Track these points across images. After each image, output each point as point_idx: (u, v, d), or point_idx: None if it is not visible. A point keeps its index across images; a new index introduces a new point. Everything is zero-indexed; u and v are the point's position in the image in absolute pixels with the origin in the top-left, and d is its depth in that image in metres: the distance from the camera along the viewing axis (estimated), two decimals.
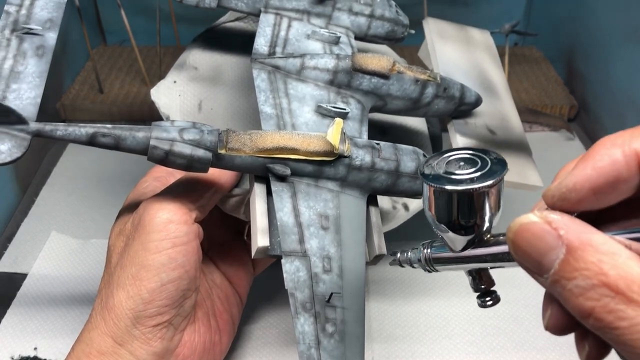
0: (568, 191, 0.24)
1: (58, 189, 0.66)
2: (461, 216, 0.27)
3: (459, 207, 0.27)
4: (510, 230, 0.24)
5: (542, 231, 0.23)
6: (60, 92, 0.77)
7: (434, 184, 0.27)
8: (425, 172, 0.28)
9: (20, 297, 0.53)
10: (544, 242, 0.22)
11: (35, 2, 0.38)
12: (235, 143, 0.35)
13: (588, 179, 0.24)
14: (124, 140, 0.34)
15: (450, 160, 0.28)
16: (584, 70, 0.79)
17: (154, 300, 0.37)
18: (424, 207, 0.29)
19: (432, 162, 0.28)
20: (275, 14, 0.43)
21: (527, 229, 0.23)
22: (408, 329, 0.51)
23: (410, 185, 0.39)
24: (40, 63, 0.36)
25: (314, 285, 0.34)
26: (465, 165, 0.27)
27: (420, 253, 0.32)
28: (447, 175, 0.27)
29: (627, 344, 0.21)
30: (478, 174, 0.26)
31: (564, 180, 0.24)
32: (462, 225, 0.28)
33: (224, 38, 0.51)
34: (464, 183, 0.26)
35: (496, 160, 0.27)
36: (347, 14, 0.45)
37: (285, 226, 0.35)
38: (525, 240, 0.23)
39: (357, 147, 0.37)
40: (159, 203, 0.38)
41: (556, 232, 0.22)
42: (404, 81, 0.42)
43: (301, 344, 0.33)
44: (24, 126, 0.32)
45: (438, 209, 0.28)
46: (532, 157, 0.48)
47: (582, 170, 0.24)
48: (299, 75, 0.41)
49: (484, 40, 0.57)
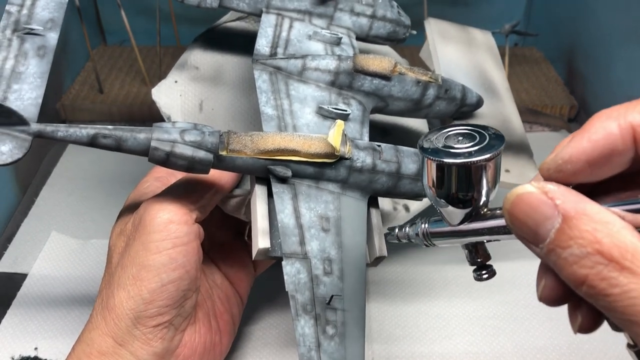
0: (564, 163, 0.24)
1: (58, 189, 0.66)
2: (459, 189, 0.28)
3: (457, 180, 0.28)
4: (507, 200, 0.24)
5: (538, 201, 0.23)
6: (60, 92, 0.77)
7: (432, 157, 0.27)
8: (424, 146, 0.28)
9: (21, 297, 0.53)
10: (540, 212, 0.23)
11: (36, 2, 0.38)
12: (237, 144, 0.35)
13: (584, 151, 0.24)
14: (125, 141, 0.34)
15: (449, 135, 0.28)
16: (584, 71, 0.79)
17: (154, 300, 0.37)
18: (423, 181, 0.29)
19: (431, 136, 0.29)
20: (277, 15, 0.43)
21: (524, 199, 0.23)
22: (408, 329, 0.51)
23: (412, 187, 0.39)
24: (41, 63, 0.36)
25: (315, 287, 0.34)
26: (464, 139, 0.28)
27: (418, 228, 0.32)
28: (446, 149, 0.27)
29: (618, 311, 0.21)
30: (476, 148, 0.27)
31: (559, 152, 0.25)
32: (459, 198, 0.28)
33: (225, 38, 0.51)
34: (462, 156, 0.27)
35: (494, 135, 0.27)
36: (348, 14, 0.45)
37: (286, 228, 0.35)
38: (522, 210, 0.23)
39: (358, 149, 0.37)
40: (159, 203, 0.38)
41: (552, 202, 0.23)
42: (406, 82, 0.42)
43: (302, 346, 0.33)
44: (25, 127, 0.32)
45: (436, 182, 0.28)
46: (533, 159, 0.48)
47: (577, 143, 0.24)
48: (301, 77, 0.41)
49: (486, 41, 0.57)
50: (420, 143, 0.28)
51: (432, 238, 0.32)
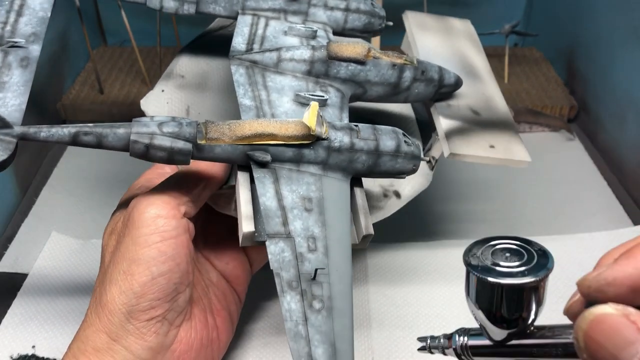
0: (607, 285, 0.24)
1: (58, 190, 0.66)
2: (508, 309, 0.27)
3: (508, 300, 0.27)
4: (583, 319, 0.23)
5: (620, 324, 0.22)
6: (60, 93, 0.77)
7: (483, 275, 0.26)
8: (472, 263, 0.27)
9: (21, 297, 0.53)
10: (622, 336, 0.22)
11: (19, 18, 0.40)
12: (214, 133, 0.35)
13: (629, 277, 0.23)
14: (105, 137, 0.34)
15: (495, 251, 0.28)
16: (584, 71, 0.79)
17: (146, 293, 0.37)
18: (468, 298, 0.28)
19: (475, 251, 0.28)
20: (253, 15, 0.44)
21: (604, 321, 0.22)
22: (408, 329, 0.51)
23: (392, 164, 0.39)
24: (24, 73, 0.37)
25: (300, 264, 0.34)
26: (511, 256, 0.27)
27: (456, 341, 0.31)
28: (495, 266, 0.27)
29: None
30: (528, 267, 0.26)
31: (603, 273, 0.24)
32: (506, 318, 0.27)
33: (210, 46, 0.52)
34: (516, 276, 0.26)
35: (541, 252, 0.27)
36: (322, 9, 0.46)
37: (268, 210, 0.35)
38: (600, 332, 0.22)
39: (335, 130, 0.37)
40: (147, 199, 0.38)
41: (635, 326, 0.22)
42: (381, 66, 0.43)
43: (288, 321, 0.33)
44: (8, 130, 0.33)
45: (483, 301, 0.27)
46: (519, 135, 0.48)
47: (623, 267, 0.23)
48: (277, 68, 0.41)
49: (465, 29, 0.57)
50: (467, 259, 0.28)
51: (473, 354, 0.31)
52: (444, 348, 0.32)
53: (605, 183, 0.69)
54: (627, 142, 0.69)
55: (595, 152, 0.74)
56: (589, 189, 0.69)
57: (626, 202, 0.66)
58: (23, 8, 0.40)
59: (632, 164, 0.68)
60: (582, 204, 0.66)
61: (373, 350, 0.49)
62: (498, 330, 0.28)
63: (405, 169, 0.39)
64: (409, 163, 0.39)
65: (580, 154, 0.74)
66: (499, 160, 0.46)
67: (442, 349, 0.32)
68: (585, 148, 0.75)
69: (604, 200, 0.67)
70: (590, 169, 0.72)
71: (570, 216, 0.64)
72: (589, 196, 0.67)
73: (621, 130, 0.70)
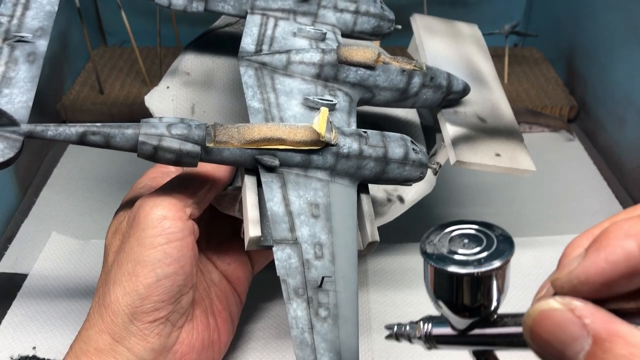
0: (580, 284, 0.22)
1: (58, 190, 0.66)
2: (467, 298, 0.26)
3: (466, 289, 0.26)
4: (528, 316, 0.22)
5: (565, 319, 0.21)
6: (60, 93, 0.77)
7: (438, 265, 0.25)
8: (427, 251, 0.26)
9: (21, 297, 0.53)
10: (567, 332, 0.21)
11: (26, 12, 0.39)
12: (223, 136, 0.35)
13: (601, 273, 0.22)
14: (113, 137, 0.34)
15: (452, 237, 0.26)
16: (584, 71, 0.79)
17: (150, 295, 0.37)
18: (426, 288, 0.27)
19: (433, 238, 0.27)
20: (262, 15, 0.44)
21: (548, 317, 0.22)
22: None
23: (400, 171, 0.39)
24: (31, 69, 0.37)
25: (306, 271, 0.34)
26: (469, 243, 0.26)
27: (420, 329, 0.30)
28: (451, 254, 0.25)
29: None
30: (485, 254, 0.25)
31: (574, 271, 0.23)
32: (467, 307, 0.26)
33: (215, 44, 0.52)
34: (471, 265, 0.25)
35: (502, 237, 0.26)
36: (332, 11, 0.46)
37: (275, 215, 0.35)
38: (545, 328, 0.22)
39: (344, 136, 0.37)
40: (153, 200, 0.38)
41: (580, 321, 0.21)
42: (390, 72, 0.43)
43: (294, 328, 0.33)
44: (15, 128, 0.33)
45: (442, 291, 0.26)
46: (524, 143, 0.48)
47: (594, 263, 0.22)
48: (286, 71, 0.41)
49: (472, 34, 0.57)
50: (423, 247, 0.26)
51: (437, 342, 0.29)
52: (410, 336, 0.31)
53: (605, 183, 0.69)
54: (626, 142, 0.69)
55: (595, 152, 0.74)
56: (589, 189, 0.69)
57: (626, 202, 0.66)
58: (30, 1, 0.40)
59: (632, 164, 0.68)
60: (582, 204, 0.66)
61: (373, 351, 0.49)
62: (459, 319, 0.27)
63: (413, 177, 0.39)
64: (417, 171, 0.39)
65: (580, 154, 0.74)
66: (505, 169, 0.45)
67: (409, 337, 0.31)
68: (585, 148, 0.75)
69: (604, 200, 0.67)
70: (590, 169, 0.72)
71: (570, 216, 0.64)
72: (589, 196, 0.67)
73: (621, 130, 0.70)
